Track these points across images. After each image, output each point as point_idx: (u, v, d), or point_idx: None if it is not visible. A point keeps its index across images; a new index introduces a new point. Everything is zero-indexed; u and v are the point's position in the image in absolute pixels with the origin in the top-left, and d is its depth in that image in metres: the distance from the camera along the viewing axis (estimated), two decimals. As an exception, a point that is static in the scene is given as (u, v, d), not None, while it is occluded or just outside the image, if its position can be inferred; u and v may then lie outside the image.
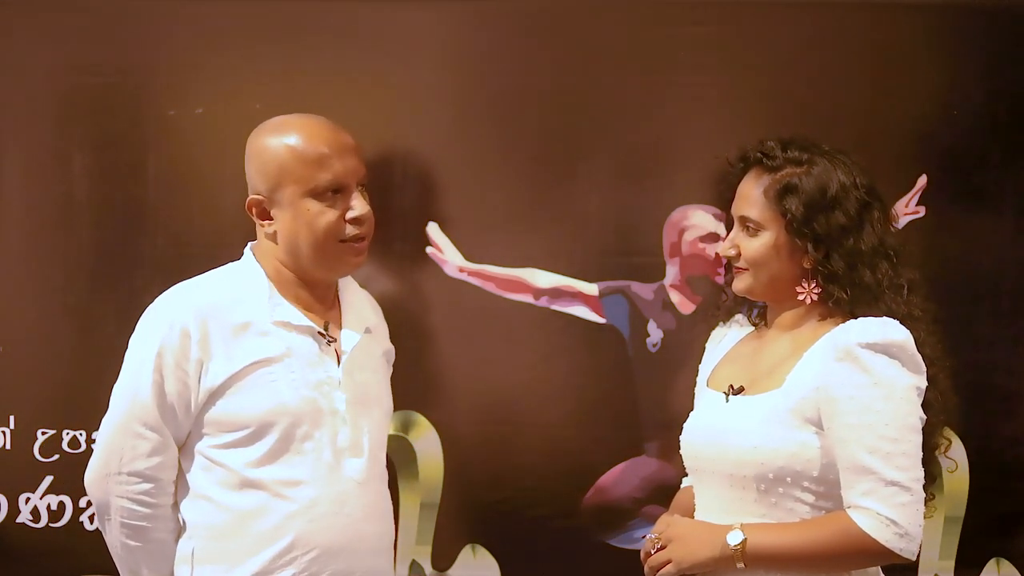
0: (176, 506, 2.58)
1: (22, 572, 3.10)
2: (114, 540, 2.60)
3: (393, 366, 2.94)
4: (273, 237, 2.58)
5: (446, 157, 3.13)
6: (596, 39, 3.11)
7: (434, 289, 3.13)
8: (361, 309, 2.73)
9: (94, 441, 2.88)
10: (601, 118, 3.12)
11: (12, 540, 3.13)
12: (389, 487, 3.13)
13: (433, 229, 3.13)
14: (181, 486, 2.58)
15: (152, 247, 3.10)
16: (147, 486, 2.53)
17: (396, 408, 3.12)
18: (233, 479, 2.52)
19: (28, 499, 3.11)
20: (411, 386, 3.13)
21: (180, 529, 2.58)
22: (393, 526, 2.70)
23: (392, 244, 3.13)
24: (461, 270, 3.14)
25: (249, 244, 2.66)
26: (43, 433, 3.10)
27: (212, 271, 2.64)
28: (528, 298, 3.14)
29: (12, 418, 3.12)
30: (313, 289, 2.62)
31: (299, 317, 2.57)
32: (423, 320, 3.14)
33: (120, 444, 2.53)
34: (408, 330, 3.13)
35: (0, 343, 3.13)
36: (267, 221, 2.58)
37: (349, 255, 2.60)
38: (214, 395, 2.51)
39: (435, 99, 3.12)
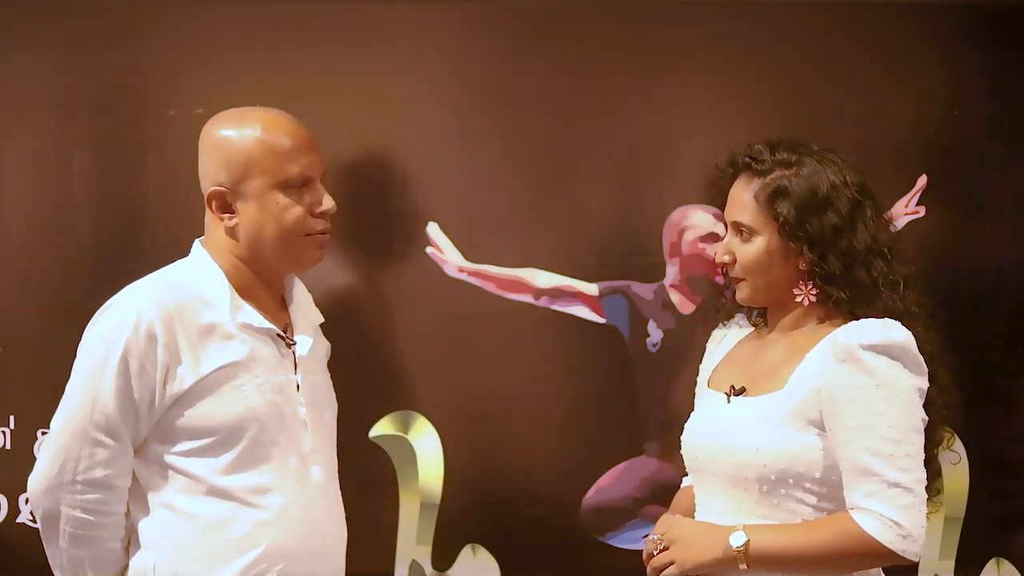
0: (127, 514, 2.47)
1: (22, 572, 3.10)
2: (59, 552, 2.46)
3: (394, 366, 2.94)
4: (232, 231, 2.50)
5: (446, 157, 3.13)
6: (596, 39, 3.12)
7: (434, 289, 3.13)
8: (308, 309, 2.67)
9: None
10: (601, 118, 3.12)
11: (12, 540, 3.13)
12: (389, 487, 3.14)
13: (433, 229, 3.13)
14: (136, 495, 2.47)
15: (152, 247, 3.10)
16: (101, 495, 2.42)
17: (396, 408, 3.14)
18: (199, 487, 2.42)
19: (28, 499, 3.10)
20: (411, 386, 3.14)
21: (130, 537, 2.48)
22: (346, 528, 2.63)
23: (392, 244, 3.13)
24: (461, 270, 3.14)
25: (198, 240, 2.57)
26: (43, 433, 3.09)
27: (165, 268, 2.55)
28: (528, 298, 3.14)
29: (12, 418, 3.12)
30: (269, 287, 2.56)
31: (261, 320, 2.49)
32: (423, 320, 3.13)
33: (76, 451, 2.40)
34: (408, 330, 3.13)
35: (0, 343, 3.13)
36: (228, 215, 2.50)
37: (313, 249, 2.54)
38: (180, 401, 2.41)
39: (435, 99, 3.12)
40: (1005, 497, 3.13)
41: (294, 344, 2.55)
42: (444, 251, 3.13)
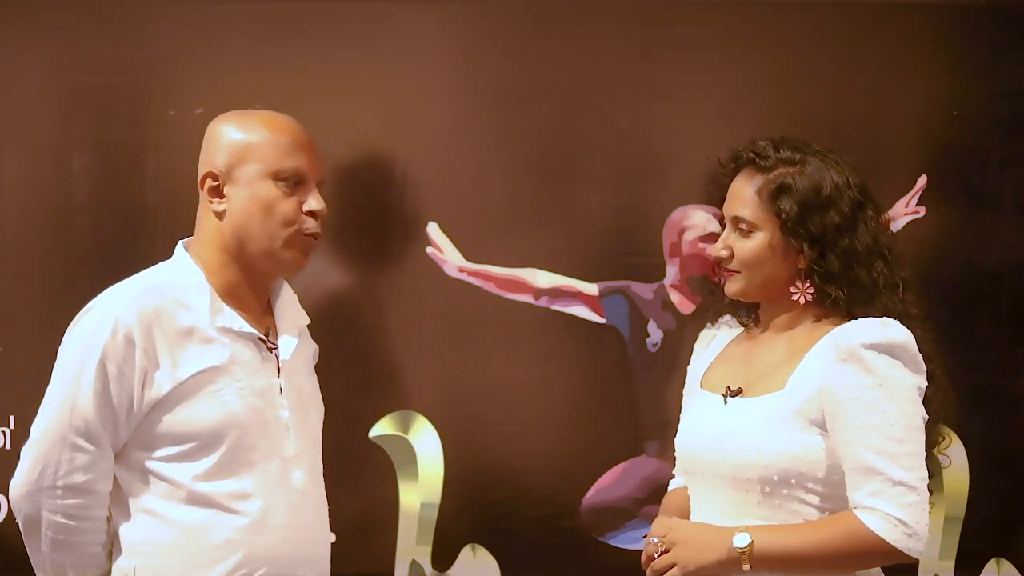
0: (109, 518, 2.47)
1: (22, 571, 3.09)
2: (41, 558, 2.46)
3: (394, 366, 2.93)
4: (221, 215, 2.48)
5: (446, 157, 3.13)
6: (596, 39, 3.12)
7: (434, 289, 3.13)
8: (294, 311, 2.64)
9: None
10: (601, 118, 3.12)
11: (12, 540, 3.12)
12: (389, 487, 3.13)
13: (433, 229, 3.13)
14: (117, 500, 2.46)
15: (152, 247, 3.09)
16: (81, 500, 2.41)
17: (396, 408, 3.13)
18: (179, 493, 2.40)
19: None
20: (411, 386, 3.14)
21: (111, 541, 2.47)
22: (329, 532, 2.62)
23: (392, 244, 3.13)
24: (461, 270, 3.14)
25: (181, 242, 2.57)
26: (42, 434, 3.09)
27: (146, 271, 2.54)
28: (528, 298, 3.14)
29: (12, 418, 3.13)
30: (254, 288, 2.53)
31: (241, 323, 2.47)
32: (423, 320, 3.13)
33: (56, 456, 2.39)
34: (408, 330, 3.13)
35: (0, 343, 3.13)
36: (218, 199, 2.49)
37: (296, 251, 2.50)
38: (159, 406, 2.40)
39: (435, 99, 3.13)
40: (1005, 497, 3.13)
41: (276, 347, 2.54)
42: (444, 251, 3.13)
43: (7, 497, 3.12)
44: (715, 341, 2.64)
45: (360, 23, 3.10)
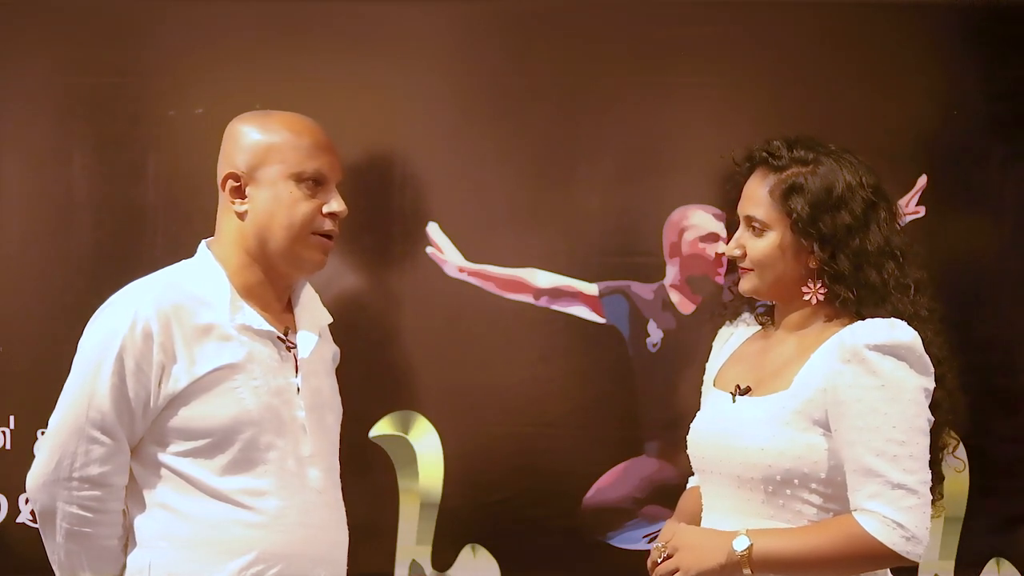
0: (125, 512, 2.47)
1: (22, 571, 3.10)
2: (56, 547, 2.46)
3: (395, 366, 2.93)
4: (242, 216, 2.49)
5: (446, 157, 3.13)
6: (596, 39, 3.12)
7: (434, 289, 3.13)
8: (314, 311, 2.64)
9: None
10: (601, 118, 3.12)
11: (12, 540, 3.13)
12: (389, 487, 3.13)
13: (433, 229, 3.13)
14: (134, 494, 2.46)
15: (152, 247, 3.10)
16: (97, 492, 2.41)
17: (396, 408, 3.14)
18: (194, 489, 2.42)
19: (28, 499, 3.10)
20: (411, 386, 3.14)
21: (127, 536, 2.47)
22: (347, 534, 2.62)
23: (392, 244, 3.13)
24: (461, 270, 3.14)
25: (204, 241, 2.56)
26: (43, 433, 3.09)
27: (168, 268, 2.54)
28: (528, 298, 3.14)
29: (12, 418, 3.12)
30: (275, 287, 2.54)
31: (260, 322, 2.48)
32: (423, 320, 3.14)
33: (73, 448, 2.40)
34: (408, 330, 3.13)
35: (0, 343, 3.13)
36: (240, 199, 2.50)
37: (315, 251, 2.51)
38: (175, 401, 2.40)
39: (435, 99, 3.13)
40: (1005, 497, 3.13)
41: (295, 347, 2.55)
42: (444, 251, 3.13)
43: (7, 497, 3.15)
44: (732, 339, 2.64)
45: (360, 23, 3.11)
